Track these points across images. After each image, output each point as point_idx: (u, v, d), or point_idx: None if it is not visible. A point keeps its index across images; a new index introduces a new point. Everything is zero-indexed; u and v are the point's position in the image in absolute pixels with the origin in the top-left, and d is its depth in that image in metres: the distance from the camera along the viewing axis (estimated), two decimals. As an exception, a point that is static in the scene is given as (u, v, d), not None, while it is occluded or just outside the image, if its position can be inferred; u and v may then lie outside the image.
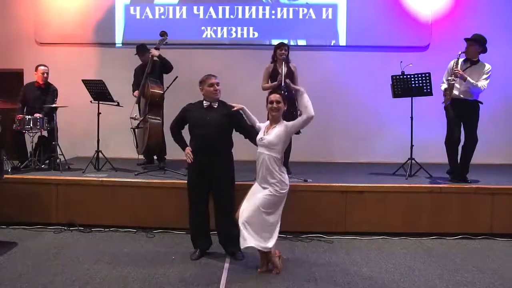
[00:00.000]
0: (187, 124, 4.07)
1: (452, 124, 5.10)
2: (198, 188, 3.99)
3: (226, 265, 3.88)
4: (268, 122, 3.82)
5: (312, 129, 6.51)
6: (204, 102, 4.01)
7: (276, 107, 3.69)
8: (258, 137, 3.73)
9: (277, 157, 3.65)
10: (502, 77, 6.23)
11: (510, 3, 6.99)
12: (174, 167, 5.52)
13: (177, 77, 5.18)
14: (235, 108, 3.96)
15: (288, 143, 3.88)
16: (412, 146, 5.46)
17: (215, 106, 3.99)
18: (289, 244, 4.49)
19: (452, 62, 5.13)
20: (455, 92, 5.01)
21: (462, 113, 5.01)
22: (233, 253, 4.02)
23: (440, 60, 5.95)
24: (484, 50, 5.00)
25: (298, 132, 5.59)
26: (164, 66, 5.80)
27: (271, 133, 3.67)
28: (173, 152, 6.09)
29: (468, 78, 4.90)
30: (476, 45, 4.97)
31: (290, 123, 3.73)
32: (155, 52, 5.71)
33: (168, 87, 5.27)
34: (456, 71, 4.92)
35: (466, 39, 5.06)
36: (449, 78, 4.99)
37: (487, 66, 5.00)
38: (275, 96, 3.73)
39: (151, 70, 5.72)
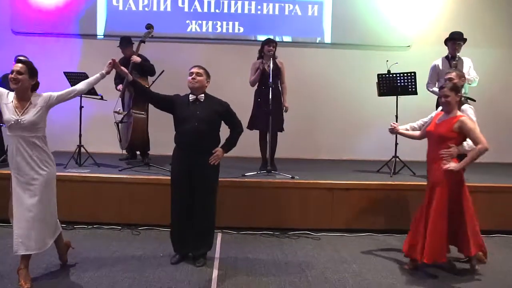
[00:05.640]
0: (173, 118, 3.85)
1: None
2: (182, 185, 3.78)
3: (216, 262, 3.85)
4: (10, 95, 3.28)
5: (297, 126, 6.59)
6: (190, 96, 3.78)
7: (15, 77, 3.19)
8: (10, 117, 3.21)
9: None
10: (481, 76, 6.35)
11: (486, 4, 7.14)
12: (159, 162, 5.43)
13: (163, 71, 5.09)
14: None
15: None
16: (396, 144, 5.54)
17: (202, 100, 3.78)
18: (277, 241, 4.50)
19: (437, 64, 5.25)
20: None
21: None
22: (199, 257, 3.81)
23: (422, 59, 6.09)
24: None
25: (281, 130, 5.63)
26: (146, 71, 5.63)
27: (29, 112, 3.23)
28: (157, 148, 6.03)
29: (468, 77, 5.03)
30: (462, 42, 5.23)
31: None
32: (136, 60, 5.52)
33: (154, 81, 5.17)
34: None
35: (453, 39, 5.19)
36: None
37: (469, 59, 5.25)
38: None
39: (134, 65, 5.58)
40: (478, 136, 3.52)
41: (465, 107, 3.97)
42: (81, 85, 3.48)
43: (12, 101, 3.25)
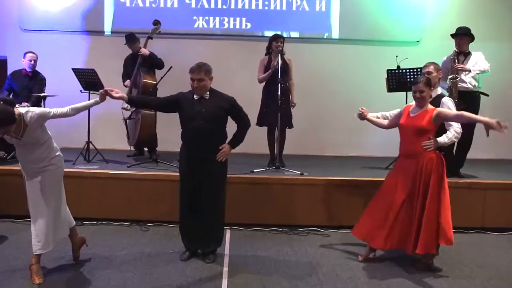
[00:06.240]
0: (179, 115, 3.79)
1: None
2: (190, 182, 3.74)
3: (226, 259, 3.84)
4: None
5: (304, 122, 6.56)
6: (195, 94, 3.73)
7: None
8: (12, 141, 3.29)
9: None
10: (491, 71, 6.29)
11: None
12: (167, 159, 5.43)
13: (171, 67, 5.09)
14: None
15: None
16: (405, 140, 5.48)
17: (207, 97, 3.71)
18: (286, 237, 4.49)
19: (445, 60, 5.21)
20: (463, 84, 5.08)
21: (470, 105, 4.94)
22: (208, 254, 3.81)
23: (431, 54, 6.01)
24: (472, 39, 5.23)
25: (291, 126, 5.60)
26: (155, 64, 5.65)
27: (27, 133, 3.24)
28: (165, 144, 6.02)
29: (472, 68, 5.02)
30: (467, 37, 5.17)
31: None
32: (145, 52, 5.55)
33: (162, 78, 5.17)
34: (456, 67, 4.98)
35: (457, 34, 5.20)
36: (451, 76, 5.01)
37: (479, 53, 5.20)
38: None
39: (143, 61, 5.58)
40: (456, 113, 3.63)
41: (445, 99, 3.99)
42: (73, 111, 3.43)
43: None
